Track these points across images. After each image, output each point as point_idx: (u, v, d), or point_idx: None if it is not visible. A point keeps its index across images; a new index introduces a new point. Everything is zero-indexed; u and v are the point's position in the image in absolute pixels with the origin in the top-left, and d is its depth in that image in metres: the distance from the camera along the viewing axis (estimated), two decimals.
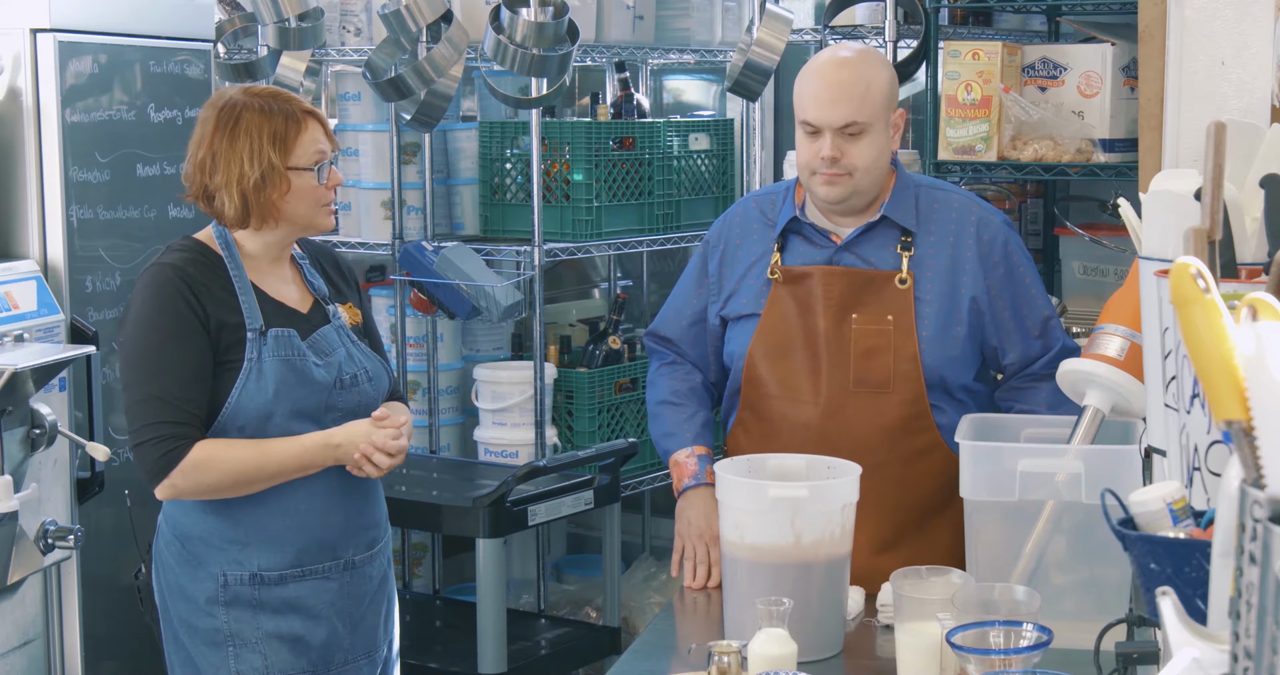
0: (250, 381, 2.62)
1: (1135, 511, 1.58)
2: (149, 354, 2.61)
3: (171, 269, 2.64)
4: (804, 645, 2.23)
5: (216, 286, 2.65)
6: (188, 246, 2.70)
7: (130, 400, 2.63)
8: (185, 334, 2.61)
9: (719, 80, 5.48)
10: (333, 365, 2.71)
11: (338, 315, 2.80)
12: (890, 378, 2.76)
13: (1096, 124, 3.75)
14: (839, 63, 2.76)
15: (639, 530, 5.23)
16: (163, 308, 2.61)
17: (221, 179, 2.63)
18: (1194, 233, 1.62)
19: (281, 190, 2.64)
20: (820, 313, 2.79)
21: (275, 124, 2.63)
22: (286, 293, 2.75)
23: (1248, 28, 2.35)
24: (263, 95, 2.68)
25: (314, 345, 2.71)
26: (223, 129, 2.64)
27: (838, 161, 2.71)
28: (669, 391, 2.94)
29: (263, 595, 2.68)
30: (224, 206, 2.65)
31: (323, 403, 2.70)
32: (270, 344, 2.65)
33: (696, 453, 2.86)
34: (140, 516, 3.06)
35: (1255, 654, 1.06)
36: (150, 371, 2.60)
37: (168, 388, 2.59)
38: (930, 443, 2.78)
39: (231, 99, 2.67)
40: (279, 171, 2.63)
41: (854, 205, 2.80)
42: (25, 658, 3.32)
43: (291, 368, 2.66)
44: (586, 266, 5.39)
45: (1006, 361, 2.83)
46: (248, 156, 2.61)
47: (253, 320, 2.65)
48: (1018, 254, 2.84)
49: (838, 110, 2.70)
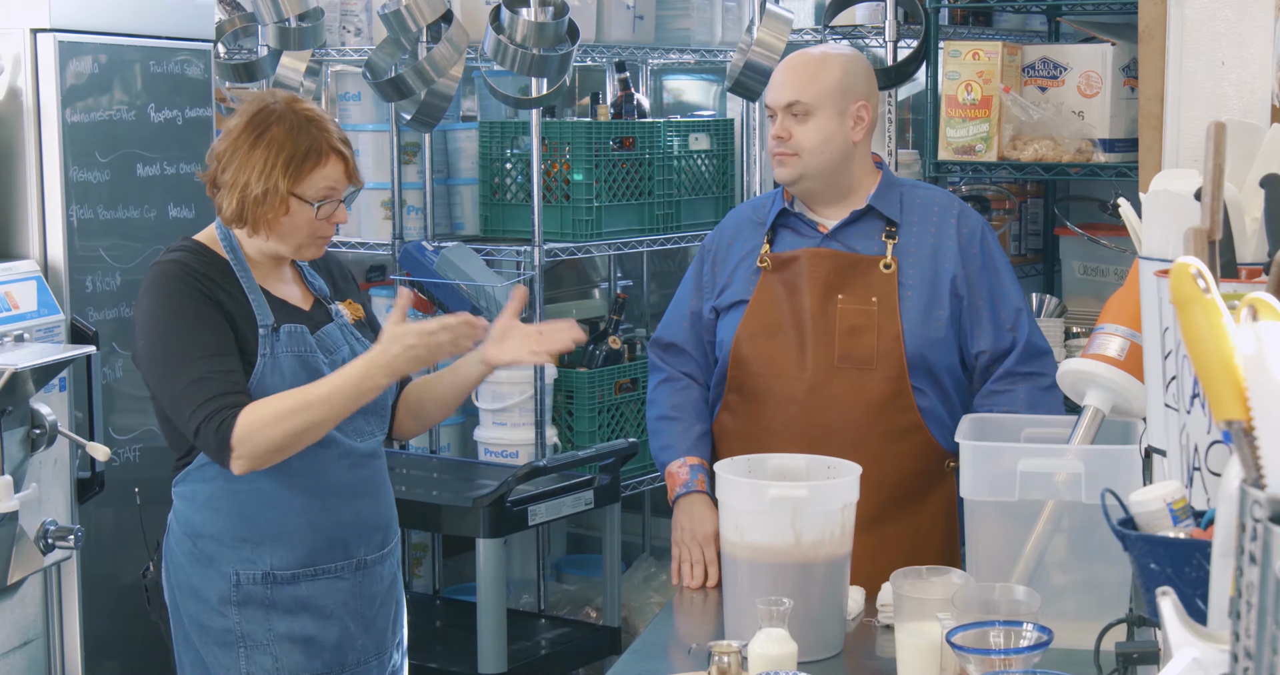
0: (266, 377, 2.60)
1: (1135, 511, 1.58)
2: (172, 345, 2.57)
3: (177, 265, 2.62)
4: (804, 645, 2.23)
5: (225, 284, 2.63)
6: (190, 247, 2.68)
7: (170, 397, 2.57)
8: (205, 316, 2.57)
9: (719, 80, 5.48)
10: (338, 363, 2.69)
11: (339, 313, 2.79)
12: (874, 355, 2.84)
13: (1096, 124, 3.75)
14: (802, 53, 2.95)
15: (639, 530, 5.23)
16: (175, 298, 2.58)
17: (229, 178, 2.61)
18: (1194, 233, 1.62)
19: (279, 212, 2.61)
20: (807, 292, 2.88)
21: (297, 149, 2.60)
22: (288, 292, 2.74)
23: (1248, 28, 2.35)
24: (303, 117, 2.63)
25: (320, 342, 2.70)
26: (249, 132, 2.61)
27: (784, 141, 2.87)
28: (669, 406, 3.00)
29: (275, 595, 2.66)
30: (222, 205, 2.64)
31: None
32: (284, 340, 2.63)
33: (689, 463, 2.90)
34: (150, 515, 3.06)
35: (1255, 654, 1.06)
36: (180, 362, 2.55)
37: (202, 369, 2.54)
38: (912, 423, 2.85)
39: (269, 107, 2.64)
40: (282, 195, 2.60)
41: (809, 188, 2.92)
42: (25, 658, 3.32)
43: (304, 364, 2.64)
44: (586, 266, 5.39)
45: (978, 350, 2.89)
46: (259, 170, 2.59)
47: (264, 317, 2.63)
48: (994, 248, 2.95)
49: (784, 91, 2.88)
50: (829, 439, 2.76)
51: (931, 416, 2.86)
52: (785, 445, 2.70)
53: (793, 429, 2.83)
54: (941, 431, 2.85)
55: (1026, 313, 2.92)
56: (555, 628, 4.40)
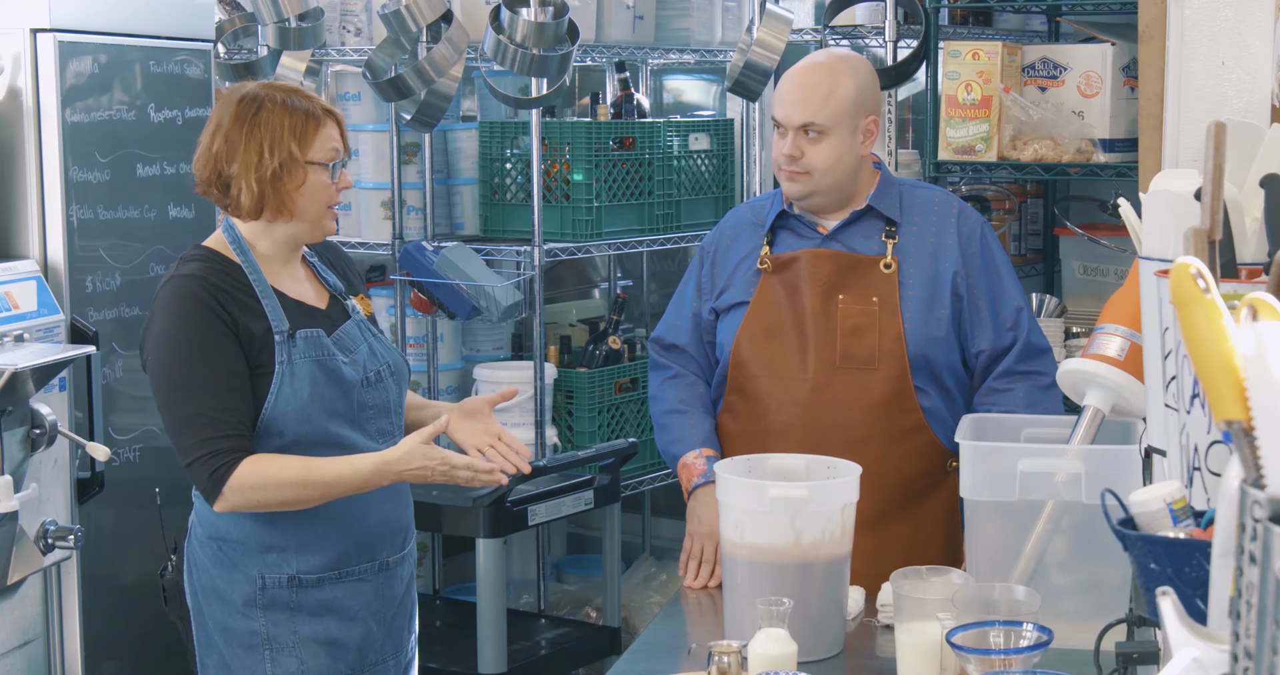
0: (285, 385, 2.58)
1: (1135, 511, 1.58)
2: (182, 372, 2.56)
3: (192, 280, 2.59)
4: (804, 645, 2.23)
5: (238, 293, 2.61)
6: (202, 255, 2.66)
7: (172, 421, 2.58)
8: (216, 345, 2.56)
9: (719, 80, 5.48)
10: (358, 363, 2.68)
11: (356, 309, 2.78)
12: (876, 355, 2.84)
13: (1096, 124, 3.75)
14: (811, 66, 2.90)
15: (639, 530, 5.23)
16: (189, 321, 2.56)
17: (240, 167, 2.60)
18: (1194, 233, 1.62)
19: (297, 181, 2.61)
20: (807, 293, 2.88)
21: (296, 118, 2.62)
22: (303, 291, 2.72)
23: (1248, 28, 2.35)
24: (283, 90, 2.67)
25: (339, 342, 2.68)
26: (242, 119, 2.61)
27: (796, 160, 2.85)
28: (676, 401, 3.00)
29: (300, 598, 2.65)
30: (240, 194, 2.61)
31: (354, 401, 2.66)
32: (300, 345, 2.61)
33: (704, 454, 2.90)
34: (170, 515, 3.04)
35: (1255, 654, 1.06)
36: (187, 390, 2.55)
37: (208, 403, 2.53)
38: (915, 424, 2.85)
39: (252, 91, 2.65)
40: (298, 163, 2.60)
41: (817, 203, 2.92)
42: (25, 658, 3.32)
43: (323, 367, 2.63)
44: (586, 266, 5.39)
45: (978, 350, 2.89)
46: (268, 146, 2.59)
47: (279, 323, 2.61)
48: (994, 246, 2.95)
49: (798, 111, 2.85)
50: (831, 440, 2.76)
51: (934, 416, 2.86)
52: (787, 446, 2.70)
53: (795, 430, 2.83)
54: (944, 431, 2.85)
55: (1026, 311, 2.93)
56: (555, 628, 4.40)
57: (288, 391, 2.58)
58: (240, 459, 2.53)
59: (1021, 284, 3.01)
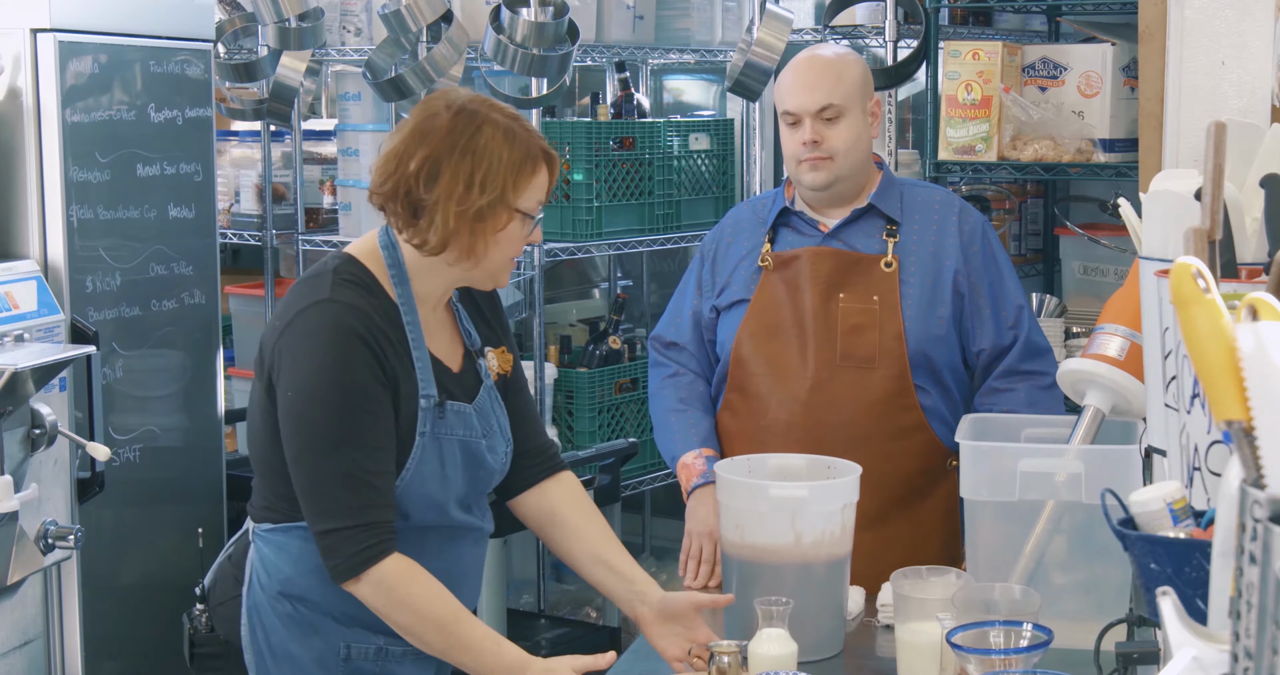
0: (426, 464, 2.25)
1: (1135, 511, 1.58)
2: (337, 420, 2.17)
3: (353, 312, 2.20)
4: (804, 645, 2.23)
5: (394, 340, 2.23)
6: (358, 278, 2.25)
7: (314, 475, 2.20)
8: (376, 396, 2.19)
9: (719, 80, 5.48)
10: (496, 448, 2.35)
11: (487, 372, 2.40)
12: (876, 353, 2.84)
13: (1096, 124, 3.75)
14: (812, 56, 2.92)
15: (639, 530, 5.23)
16: (347, 361, 2.18)
17: (441, 194, 2.18)
18: (1194, 233, 1.62)
19: (498, 226, 2.21)
20: (808, 291, 2.88)
21: (516, 152, 2.21)
22: (441, 346, 2.34)
23: (1248, 28, 2.35)
24: (505, 114, 2.24)
25: (483, 423, 2.31)
26: (457, 136, 2.19)
27: (818, 145, 2.84)
28: (675, 400, 2.99)
29: (384, 669, 2.35)
30: (428, 228, 2.20)
31: (483, 488, 2.36)
32: (449, 420, 2.27)
33: (704, 454, 2.90)
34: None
35: (1255, 654, 1.06)
36: (341, 442, 2.17)
37: (362, 463, 2.17)
38: (915, 422, 2.85)
39: (470, 106, 2.23)
40: (508, 207, 2.21)
41: (840, 191, 2.91)
42: (25, 658, 3.32)
43: (468, 451, 2.30)
44: (586, 266, 5.39)
45: (978, 348, 2.89)
46: (480, 180, 2.18)
47: (427, 387, 2.24)
48: (995, 246, 2.95)
49: (813, 95, 2.84)
50: (831, 438, 2.76)
51: (934, 415, 2.86)
52: (787, 445, 2.71)
53: (795, 428, 2.83)
54: (944, 430, 2.85)
55: (1027, 311, 2.93)
56: (555, 628, 4.40)
57: (428, 471, 2.26)
58: (393, 545, 2.19)
59: (1022, 284, 3.01)
